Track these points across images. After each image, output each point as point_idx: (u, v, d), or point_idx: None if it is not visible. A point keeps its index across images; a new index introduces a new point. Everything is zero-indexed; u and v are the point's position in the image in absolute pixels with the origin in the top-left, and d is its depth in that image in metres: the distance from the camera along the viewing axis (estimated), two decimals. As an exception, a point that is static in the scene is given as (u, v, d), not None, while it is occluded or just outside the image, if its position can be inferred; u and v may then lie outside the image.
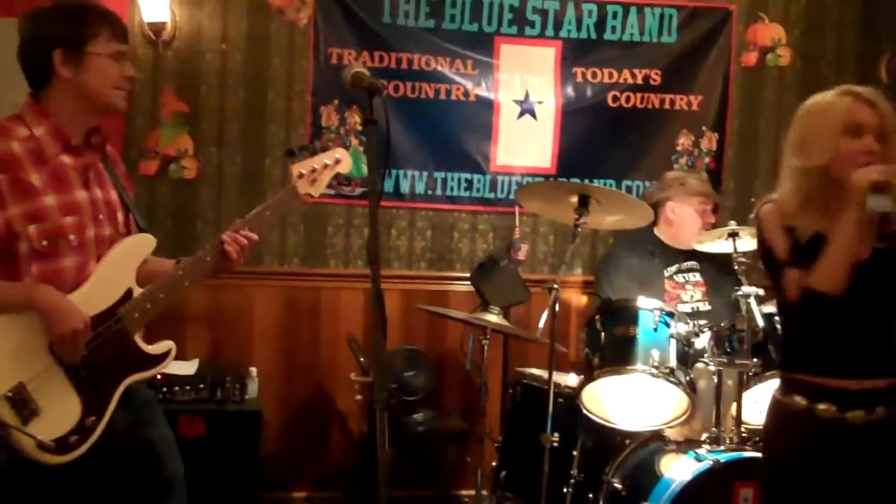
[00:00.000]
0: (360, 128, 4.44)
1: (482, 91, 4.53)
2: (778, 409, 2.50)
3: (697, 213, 3.95)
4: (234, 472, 3.74)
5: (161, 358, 2.50)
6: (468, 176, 4.57)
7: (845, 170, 2.34)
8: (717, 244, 3.77)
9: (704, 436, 3.45)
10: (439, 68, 4.49)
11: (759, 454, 3.31)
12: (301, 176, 2.62)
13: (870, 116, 2.37)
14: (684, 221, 3.95)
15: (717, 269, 3.93)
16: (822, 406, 2.41)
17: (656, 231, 4.04)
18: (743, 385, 3.44)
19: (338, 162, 2.70)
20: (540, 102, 4.58)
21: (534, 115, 4.58)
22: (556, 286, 3.70)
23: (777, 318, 3.47)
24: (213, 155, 4.39)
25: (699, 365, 3.53)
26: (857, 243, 2.29)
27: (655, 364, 3.45)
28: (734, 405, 3.44)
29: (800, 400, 2.43)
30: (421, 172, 4.52)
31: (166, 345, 2.51)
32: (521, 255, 4.47)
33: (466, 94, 4.52)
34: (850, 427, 2.41)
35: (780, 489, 2.47)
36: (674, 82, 4.64)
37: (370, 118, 2.14)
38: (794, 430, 2.45)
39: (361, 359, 3.99)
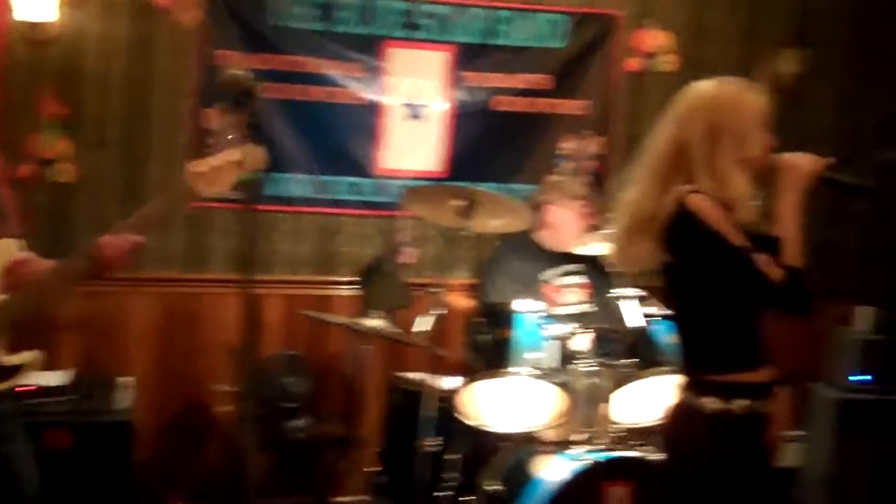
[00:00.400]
0: (243, 131, 4.37)
1: (370, 94, 4.51)
2: (689, 414, 2.46)
3: (578, 216, 3.97)
4: (103, 485, 3.63)
5: (17, 369, 2.41)
6: (354, 180, 4.54)
7: (763, 161, 2.43)
8: (598, 247, 3.79)
9: (579, 436, 3.47)
10: (327, 71, 4.46)
11: (632, 454, 3.37)
12: (197, 175, 2.52)
13: None
14: (565, 224, 3.98)
15: (599, 272, 3.96)
16: (737, 403, 2.40)
17: (539, 234, 4.06)
18: (617, 385, 3.47)
19: (239, 162, 2.58)
20: (429, 106, 4.57)
21: (422, 119, 4.57)
22: (439, 290, 3.72)
23: (654, 319, 3.53)
24: (93, 159, 4.29)
25: (576, 366, 3.54)
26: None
27: (533, 366, 3.48)
28: (608, 405, 3.46)
29: (714, 402, 2.41)
30: (306, 176, 4.48)
31: (27, 355, 2.42)
32: (408, 259, 4.45)
33: (354, 97, 4.49)
34: (759, 417, 2.42)
35: (692, 492, 2.46)
36: (562, 87, 4.68)
37: (250, 121, 2.10)
38: (708, 432, 2.42)
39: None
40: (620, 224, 2.54)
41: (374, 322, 3.77)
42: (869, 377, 4.44)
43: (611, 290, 3.66)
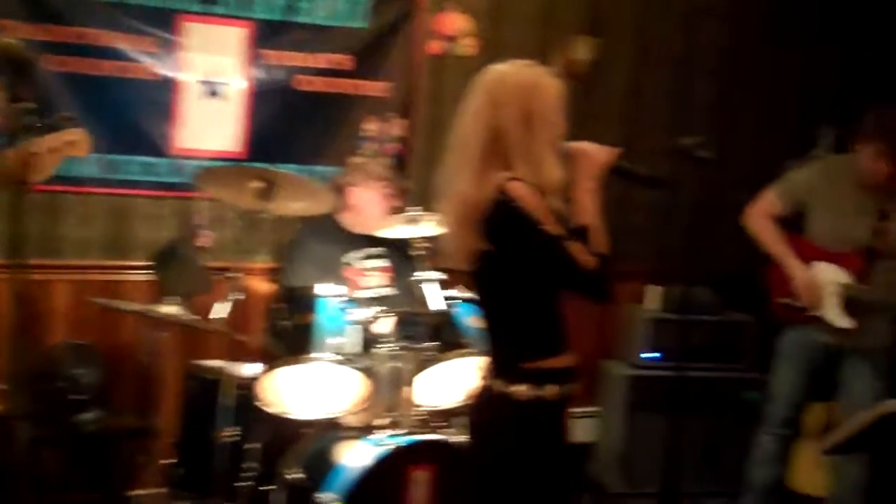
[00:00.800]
0: (23, 106, 4.11)
1: (165, 70, 4.33)
2: (499, 401, 2.46)
3: (379, 197, 3.97)
4: None
5: None
6: (148, 159, 4.35)
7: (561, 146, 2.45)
8: (401, 229, 3.80)
9: (382, 421, 3.47)
10: (119, 45, 4.24)
11: (435, 437, 3.40)
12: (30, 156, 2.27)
13: None
14: (366, 206, 3.96)
15: (402, 255, 3.97)
16: (548, 389, 2.43)
17: (341, 217, 4.02)
18: (420, 369, 3.49)
19: (71, 143, 2.38)
20: (227, 84, 4.44)
21: (220, 97, 4.44)
22: (238, 274, 3.63)
23: (457, 302, 3.56)
24: None
25: (379, 350, 3.54)
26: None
27: (336, 351, 3.46)
28: (411, 389, 3.48)
29: (526, 389, 2.43)
30: (94, 155, 4.25)
31: None
32: (206, 242, 4.32)
33: (148, 72, 4.30)
34: (567, 401, 2.47)
35: (498, 476, 2.48)
36: (364, 68, 4.64)
37: (27, 95, 1.95)
38: (520, 420, 2.44)
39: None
40: (448, 219, 2.52)
41: (170, 308, 3.64)
42: (658, 354, 4.65)
43: (413, 273, 3.67)
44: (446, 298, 3.59)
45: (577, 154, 2.47)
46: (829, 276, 3.80)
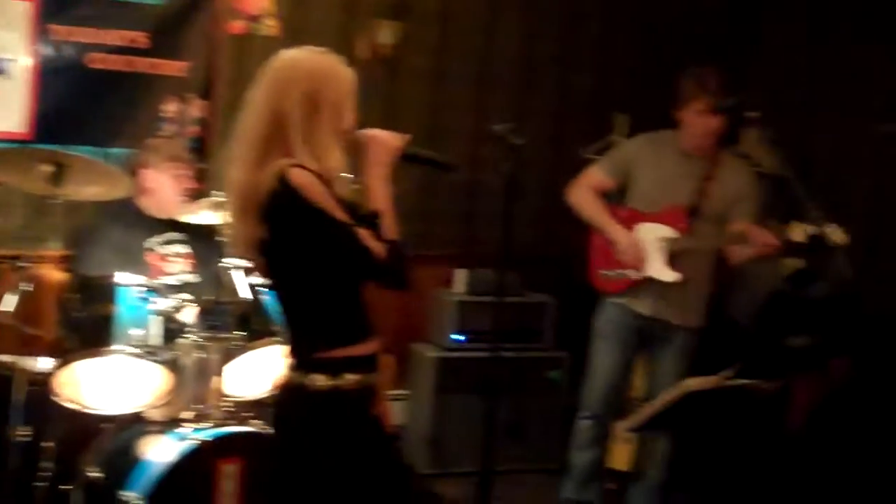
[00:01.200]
0: None
1: (-60, 45, 4.06)
2: (297, 392, 2.42)
3: (175, 180, 3.83)
4: None
5: None
6: (-79, 140, 4.08)
7: (350, 136, 2.42)
8: (205, 215, 3.70)
9: (188, 414, 3.38)
10: None
11: (243, 428, 3.33)
12: None
13: None
14: (163, 189, 3.82)
15: (205, 241, 3.86)
16: (346, 378, 2.39)
17: (139, 201, 3.88)
18: (227, 359, 3.42)
19: None
20: (12, 61, 4.19)
21: (5, 75, 4.19)
22: (27, 264, 3.45)
23: (263, 289, 3.50)
24: None
25: (183, 341, 3.44)
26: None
27: (136, 343, 3.35)
28: (219, 380, 3.40)
29: (323, 379, 2.38)
30: None
31: None
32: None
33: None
34: (368, 389, 2.44)
35: (304, 470, 2.43)
36: (161, 46, 4.47)
37: None
38: (318, 410, 2.40)
39: None
40: (230, 205, 2.46)
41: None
42: (463, 337, 4.73)
43: (218, 260, 3.58)
44: (254, 286, 3.52)
45: (368, 141, 2.45)
46: (653, 234, 3.88)
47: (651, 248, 3.90)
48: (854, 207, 4.72)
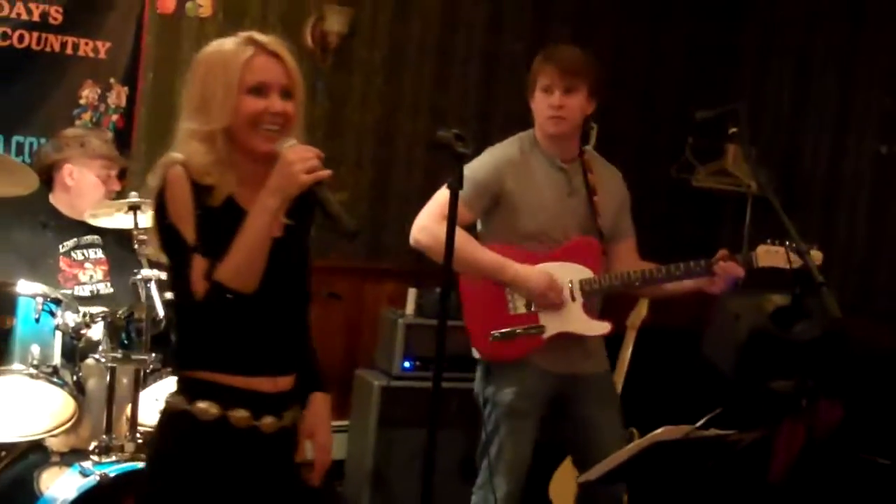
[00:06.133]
0: None
1: None
2: (180, 419, 2.31)
3: (100, 178, 3.73)
4: None
5: None
6: None
7: (250, 133, 2.29)
8: (116, 218, 3.57)
9: (93, 445, 3.26)
10: None
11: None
12: None
13: (274, 72, 2.32)
14: (84, 188, 3.71)
15: (122, 246, 3.74)
16: (236, 413, 2.30)
17: (52, 198, 3.76)
18: (140, 383, 3.31)
19: None
20: None
21: None
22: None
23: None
24: None
25: (90, 361, 3.35)
26: (276, 223, 2.27)
27: (35, 362, 3.25)
28: (129, 407, 3.30)
29: (210, 407, 2.28)
30: None
31: None
32: None
33: None
34: (262, 435, 2.34)
35: None
36: (78, 23, 4.34)
37: None
38: (202, 444, 2.31)
39: None
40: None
41: None
42: (409, 364, 4.61)
43: (135, 270, 3.45)
44: (168, 301, 3.37)
45: (280, 161, 2.27)
46: (566, 276, 3.42)
47: (565, 295, 3.42)
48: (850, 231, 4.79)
